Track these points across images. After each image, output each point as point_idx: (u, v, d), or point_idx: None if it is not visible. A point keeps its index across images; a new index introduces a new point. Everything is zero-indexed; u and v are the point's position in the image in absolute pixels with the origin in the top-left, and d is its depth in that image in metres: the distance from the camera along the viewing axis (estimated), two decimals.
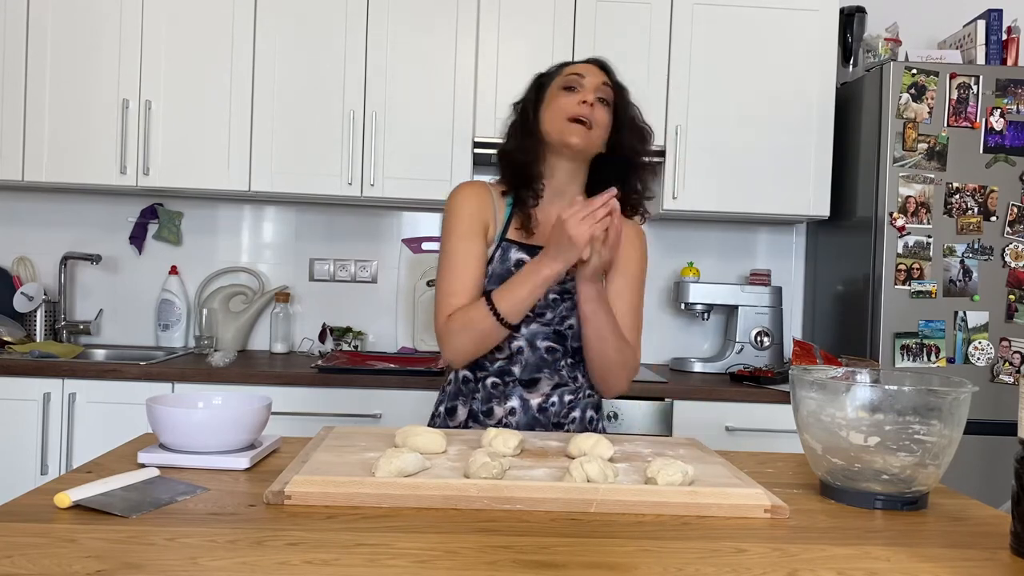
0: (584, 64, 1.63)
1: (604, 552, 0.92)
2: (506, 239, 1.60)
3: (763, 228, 3.26)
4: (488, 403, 1.60)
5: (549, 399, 1.60)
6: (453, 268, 1.56)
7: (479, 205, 1.60)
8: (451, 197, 1.62)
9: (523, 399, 1.59)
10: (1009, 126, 2.64)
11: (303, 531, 0.95)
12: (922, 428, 1.11)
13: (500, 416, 1.59)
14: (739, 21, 2.86)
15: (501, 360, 1.59)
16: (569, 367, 1.61)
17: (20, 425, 2.50)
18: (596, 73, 1.60)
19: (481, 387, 1.60)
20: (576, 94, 1.56)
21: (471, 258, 1.57)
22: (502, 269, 1.57)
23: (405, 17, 2.80)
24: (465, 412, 1.61)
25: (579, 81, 1.58)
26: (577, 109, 1.54)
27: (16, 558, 0.83)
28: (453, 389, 1.65)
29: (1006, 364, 2.64)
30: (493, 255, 1.59)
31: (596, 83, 1.58)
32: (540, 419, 1.59)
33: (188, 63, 2.78)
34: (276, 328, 3.05)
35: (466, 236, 1.57)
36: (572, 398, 1.61)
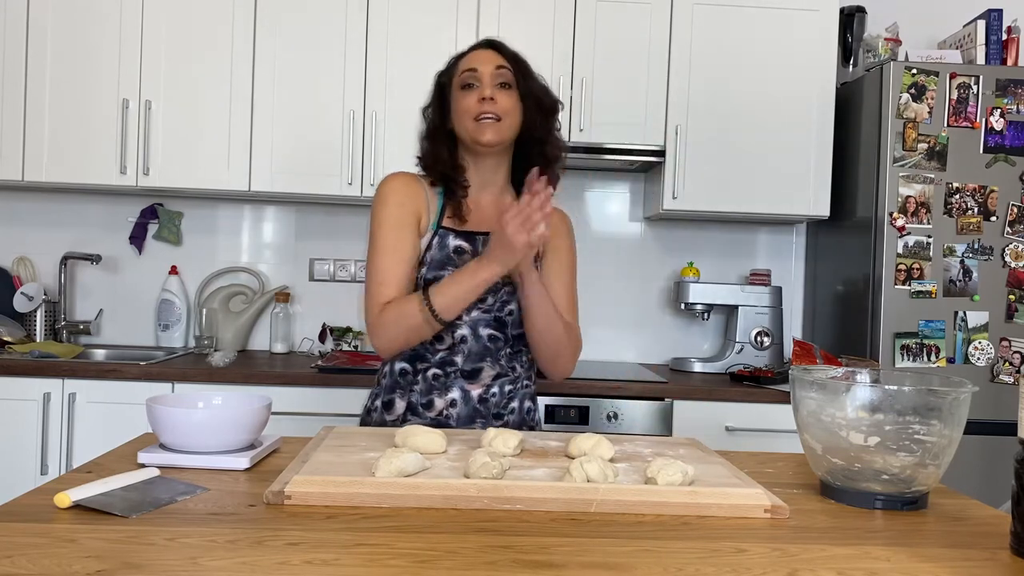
0: (475, 53, 1.62)
1: (604, 552, 0.92)
2: (442, 227, 1.61)
3: (763, 228, 3.26)
4: (428, 395, 1.59)
5: (490, 390, 1.60)
6: (383, 258, 1.57)
7: (409, 195, 1.61)
8: (380, 187, 1.64)
9: (464, 390, 1.59)
10: (1009, 126, 2.64)
11: (303, 531, 0.95)
12: (922, 428, 1.11)
13: (440, 408, 1.58)
14: (739, 21, 2.86)
15: (443, 351, 1.59)
16: (507, 357, 1.62)
17: (20, 425, 2.50)
18: (489, 60, 1.60)
19: (421, 379, 1.60)
20: (475, 91, 1.57)
21: (401, 248, 1.58)
22: (441, 255, 1.58)
23: (405, 17, 2.80)
24: (403, 405, 1.60)
25: (475, 76, 1.58)
26: (480, 107, 1.56)
27: (16, 558, 0.83)
28: (389, 382, 1.63)
29: (1006, 364, 2.64)
30: (431, 242, 1.60)
31: (491, 71, 1.58)
32: (480, 410, 1.60)
33: (188, 63, 2.78)
34: (276, 328, 3.05)
35: (396, 226, 1.59)
36: (511, 388, 1.63)
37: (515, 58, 1.62)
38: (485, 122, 1.56)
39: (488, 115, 1.55)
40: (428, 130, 1.66)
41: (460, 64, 1.62)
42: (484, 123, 1.56)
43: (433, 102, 1.66)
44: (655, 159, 2.86)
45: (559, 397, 2.54)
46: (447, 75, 1.65)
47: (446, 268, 1.56)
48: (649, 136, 2.84)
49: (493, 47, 1.63)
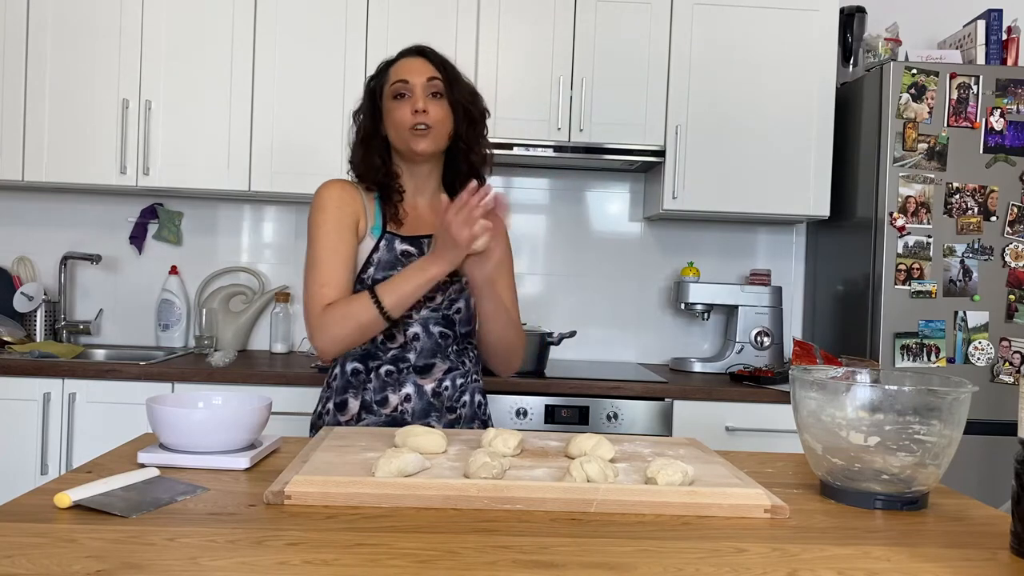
0: (405, 62, 1.65)
1: (604, 552, 0.92)
2: (387, 232, 1.64)
3: (763, 228, 3.26)
4: (382, 392, 1.62)
5: (442, 383, 1.64)
6: (323, 260, 1.59)
7: (347, 200, 1.64)
8: (319, 193, 1.65)
9: (417, 385, 1.62)
10: (1009, 126, 2.64)
11: (303, 531, 0.95)
12: (922, 428, 1.11)
13: (395, 404, 1.61)
14: (739, 21, 2.86)
15: (395, 348, 1.62)
16: (456, 353, 1.66)
17: (20, 425, 2.50)
18: (420, 70, 1.63)
19: (374, 377, 1.62)
20: (407, 101, 1.61)
21: (342, 251, 1.60)
22: (389, 256, 1.62)
23: (405, 17, 2.80)
24: (357, 404, 1.63)
25: (407, 87, 1.61)
26: (411, 118, 1.59)
27: (16, 558, 0.83)
28: (341, 383, 1.65)
29: (1006, 364, 2.64)
30: (377, 244, 1.62)
31: (422, 82, 1.62)
32: (435, 404, 1.63)
33: (188, 63, 2.78)
34: (276, 328, 3.05)
35: (335, 229, 1.60)
36: (463, 381, 1.67)
37: (444, 66, 1.66)
38: (419, 132, 1.60)
39: (421, 125, 1.59)
40: (361, 137, 1.68)
41: (391, 73, 1.65)
42: (418, 133, 1.60)
43: (364, 109, 1.69)
44: (655, 159, 2.86)
45: (559, 397, 2.54)
46: (378, 81, 1.68)
47: (396, 268, 1.60)
48: (649, 136, 2.84)
49: (423, 55, 1.67)
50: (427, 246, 1.63)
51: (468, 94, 1.67)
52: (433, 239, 1.54)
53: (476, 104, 1.68)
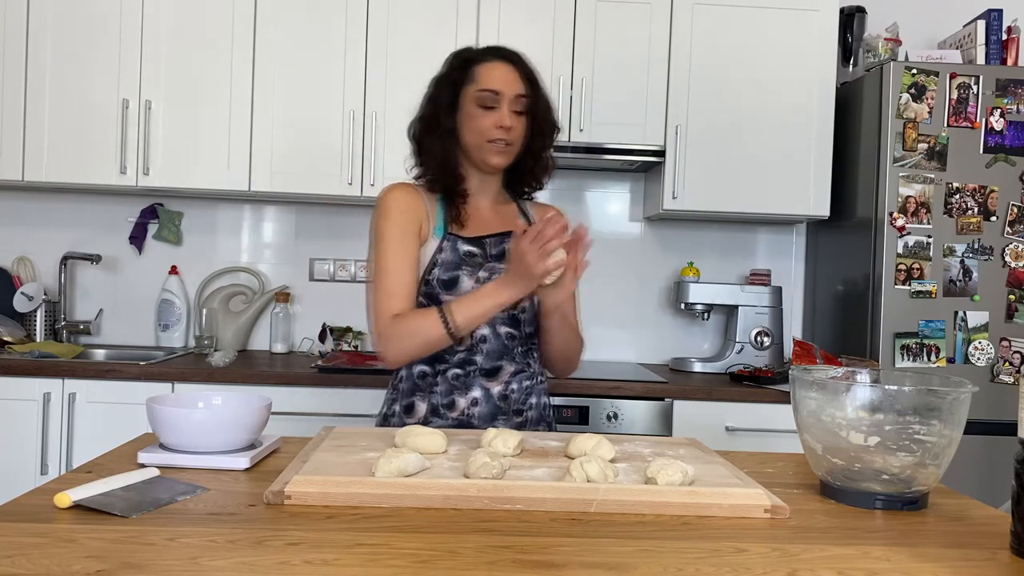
0: (497, 69, 1.61)
1: (604, 552, 0.92)
2: (450, 233, 1.63)
3: (763, 228, 3.26)
4: (449, 395, 1.60)
5: (509, 386, 1.62)
6: (390, 268, 1.59)
7: (411, 206, 1.63)
8: (383, 199, 1.65)
9: (484, 388, 1.61)
10: (1009, 126, 2.64)
11: (303, 531, 0.95)
12: (922, 428, 1.11)
13: (463, 407, 1.60)
14: (739, 21, 2.86)
15: (462, 351, 1.60)
16: (522, 354, 1.65)
17: (20, 425, 2.50)
18: (510, 82, 1.60)
19: (441, 380, 1.61)
20: (493, 113, 1.58)
21: (407, 259, 1.59)
22: (453, 257, 1.60)
23: (405, 17, 2.80)
24: (424, 407, 1.61)
25: (495, 100, 1.58)
26: (495, 134, 1.58)
27: (16, 558, 0.83)
28: (408, 386, 1.64)
29: (1006, 364, 2.64)
30: (441, 245, 1.61)
31: (511, 97, 1.59)
32: (502, 407, 1.61)
33: (188, 63, 2.78)
34: (276, 328, 3.05)
35: (400, 236, 1.60)
36: (529, 383, 1.66)
37: (532, 81, 1.63)
38: (497, 147, 1.59)
39: (501, 141, 1.59)
40: (436, 130, 1.63)
41: (479, 76, 1.61)
42: (496, 148, 1.59)
43: (443, 103, 1.63)
44: (655, 159, 2.86)
45: (559, 397, 2.54)
46: (460, 76, 1.63)
47: (460, 268, 1.59)
48: (649, 136, 2.84)
49: (513, 63, 1.62)
50: (489, 246, 1.64)
51: (547, 109, 1.66)
52: (507, 262, 1.51)
53: (550, 119, 1.67)
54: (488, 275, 1.60)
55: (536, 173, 1.70)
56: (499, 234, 1.66)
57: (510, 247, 1.50)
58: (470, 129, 1.60)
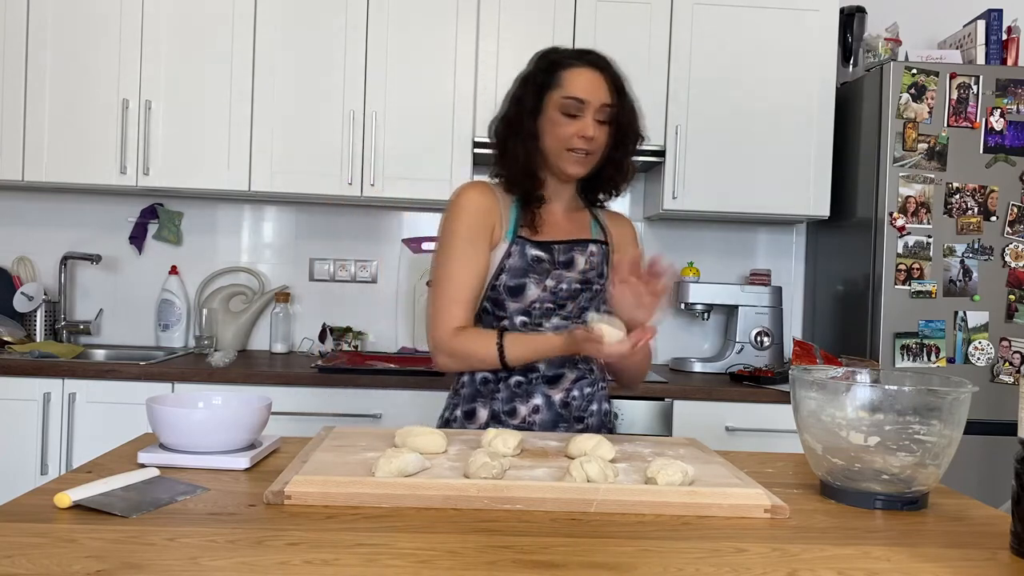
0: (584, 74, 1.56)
1: (604, 552, 0.92)
2: (519, 236, 1.59)
3: (763, 228, 3.26)
4: (511, 402, 1.59)
5: (570, 393, 1.61)
6: (455, 273, 1.56)
7: (486, 208, 1.60)
8: (458, 197, 1.61)
9: (546, 395, 1.59)
10: (1009, 126, 2.64)
11: (303, 531, 0.95)
12: (922, 428, 1.11)
13: (524, 415, 1.58)
14: (739, 21, 2.86)
15: None
16: (584, 359, 1.64)
17: (20, 425, 2.50)
18: (597, 91, 1.55)
19: (503, 387, 1.59)
20: (576, 122, 1.55)
21: (473, 263, 1.57)
22: (521, 263, 1.57)
23: (405, 17, 2.80)
24: (486, 413, 1.60)
25: (580, 108, 1.54)
26: (576, 142, 1.55)
27: (16, 558, 0.83)
28: (470, 391, 1.63)
29: (1006, 364, 2.64)
30: (510, 250, 1.58)
31: (597, 106, 1.55)
32: (563, 414, 1.60)
33: (188, 63, 2.78)
34: (276, 328, 3.05)
35: (472, 241, 1.57)
36: (591, 390, 1.64)
37: (619, 90, 1.59)
38: (576, 156, 1.56)
39: (581, 151, 1.56)
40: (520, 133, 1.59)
41: (566, 82, 1.56)
42: (575, 157, 1.56)
43: (527, 106, 1.59)
44: (655, 159, 2.86)
45: None
46: (545, 79, 1.58)
47: (527, 275, 1.57)
48: (649, 136, 2.83)
49: (601, 70, 1.58)
50: (557, 253, 1.59)
51: (632, 119, 1.61)
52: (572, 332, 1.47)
53: (635, 128, 1.62)
54: (555, 283, 1.58)
55: (616, 181, 1.66)
56: (568, 241, 1.62)
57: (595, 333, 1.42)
58: (551, 135, 1.57)
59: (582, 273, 1.61)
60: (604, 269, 1.65)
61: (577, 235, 1.65)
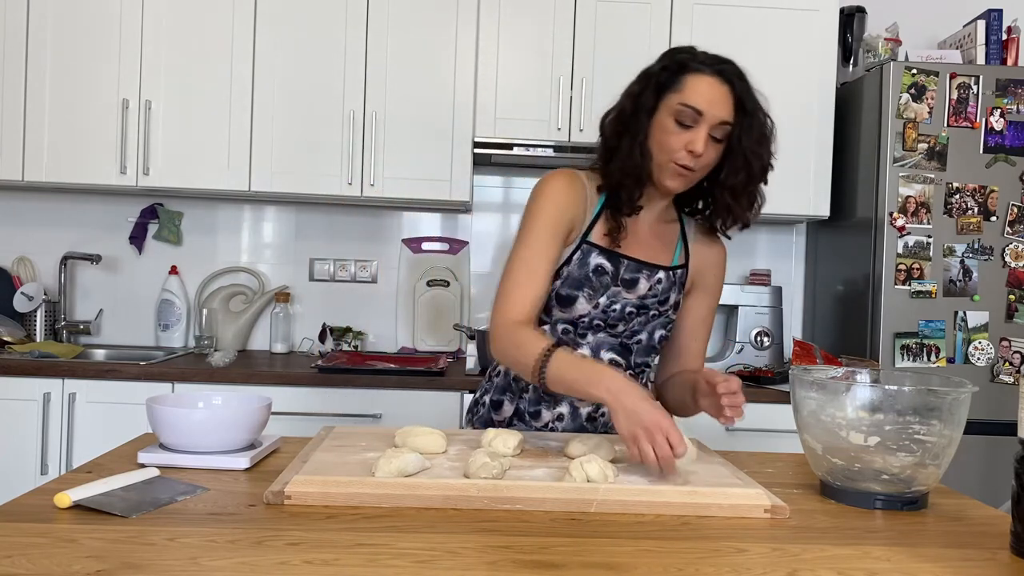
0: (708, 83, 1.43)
1: (604, 552, 0.92)
2: (587, 241, 1.50)
3: (763, 228, 3.26)
4: (537, 405, 1.55)
5: (600, 409, 1.54)
6: (528, 261, 1.45)
7: (571, 202, 1.49)
8: (546, 184, 1.50)
9: (573, 406, 1.54)
10: (1009, 126, 2.64)
11: (303, 531, 0.95)
12: (922, 428, 1.11)
13: (547, 420, 1.54)
14: (739, 21, 2.85)
15: None
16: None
17: (20, 425, 2.50)
18: (719, 104, 1.42)
19: (531, 388, 1.54)
20: (688, 133, 1.40)
21: (548, 260, 1.46)
22: (580, 273, 1.49)
23: (405, 17, 2.80)
24: (511, 409, 1.57)
25: (696, 120, 1.40)
26: (682, 158, 1.41)
27: (16, 558, 0.84)
28: (502, 383, 1.59)
29: (1006, 364, 2.63)
30: (571, 256, 1.49)
31: (714, 122, 1.41)
32: (588, 427, 1.55)
33: (188, 63, 2.78)
34: (276, 328, 3.05)
35: (551, 231, 1.46)
36: None
37: (744, 109, 1.45)
38: (678, 170, 1.43)
39: (686, 167, 1.42)
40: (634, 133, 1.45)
41: (687, 87, 1.42)
42: (677, 171, 1.43)
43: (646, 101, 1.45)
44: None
45: None
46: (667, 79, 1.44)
47: (583, 288, 1.48)
48: None
49: (729, 82, 1.45)
50: (624, 269, 1.50)
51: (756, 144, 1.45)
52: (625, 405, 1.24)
53: (759, 153, 1.45)
54: (609, 303, 1.49)
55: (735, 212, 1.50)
56: (640, 261, 1.51)
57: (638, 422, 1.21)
58: (658, 142, 1.43)
59: (641, 298, 1.51)
60: (671, 296, 1.54)
61: (654, 257, 1.53)
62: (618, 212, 1.49)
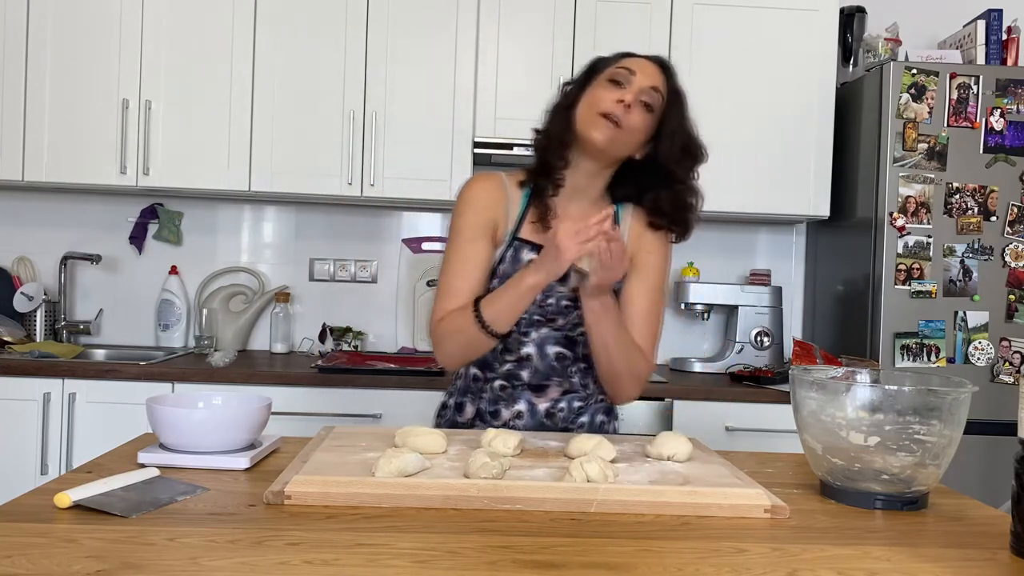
0: (642, 60, 1.51)
1: (604, 552, 0.92)
2: (518, 238, 1.54)
3: (763, 228, 3.26)
4: (495, 404, 1.57)
5: (557, 404, 1.57)
6: (454, 269, 1.52)
7: (489, 203, 1.54)
8: (462, 191, 1.57)
9: (530, 403, 1.56)
10: (1009, 126, 2.64)
11: (303, 531, 0.95)
12: (922, 428, 1.11)
13: (506, 419, 1.56)
14: (739, 21, 2.86)
15: (510, 363, 1.56)
16: (581, 373, 1.58)
17: (20, 425, 2.50)
18: (650, 74, 1.49)
19: (489, 388, 1.58)
20: (618, 90, 1.46)
21: (474, 259, 1.52)
22: (512, 270, 1.51)
23: (405, 17, 2.80)
24: (473, 410, 1.59)
25: (627, 77, 1.46)
26: (611, 106, 1.44)
27: (16, 558, 0.83)
28: (463, 385, 1.62)
29: (1006, 364, 2.64)
30: (503, 255, 1.53)
31: (644, 85, 1.47)
32: (547, 424, 1.57)
33: (188, 63, 2.78)
34: (276, 328, 3.05)
35: (471, 237, 1.53)
36: (581, 404, 1.59)
37: (677, 93, 1.53)
38: (604, 121, 1.44)
39: (614, 117, 1.44)
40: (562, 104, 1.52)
41: (622, 60, 1.51)
42: (602, 121, 1.44)
43: (579, 79, 1.53)
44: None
45: None
46: (606, 64, 1.52)
47: None
48: None
49: (663, 67, 1.52)
50: None
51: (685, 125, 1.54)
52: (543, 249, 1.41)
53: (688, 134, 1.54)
54: (544, 297, 1.50)
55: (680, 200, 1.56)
56: None
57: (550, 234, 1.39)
58: (588, 100, 1.48)
59: (574, 289, 1.48)
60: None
61: None
62: (543, 195, 1.53)
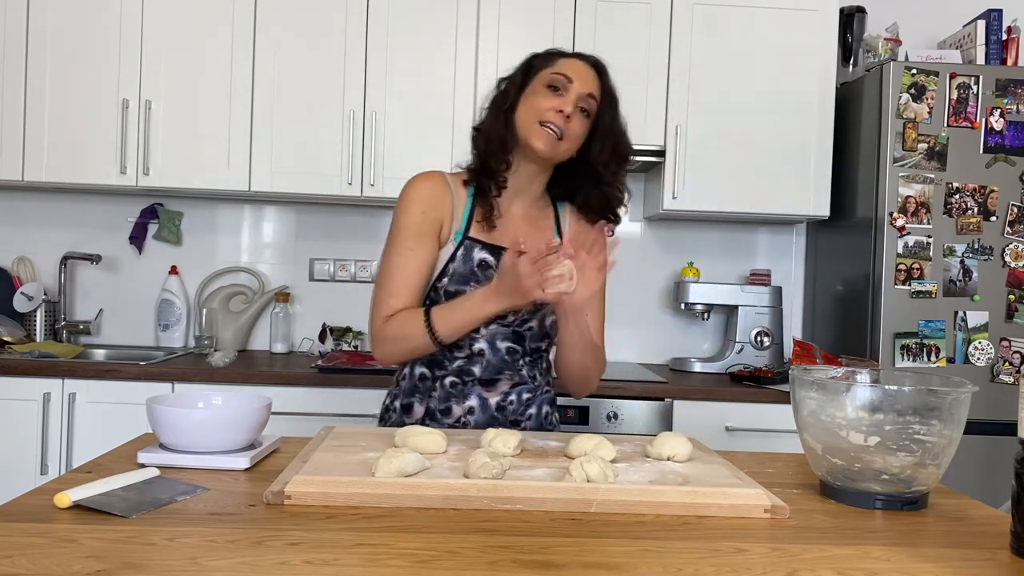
0: (578, 63, 1.56)
1: (604, 552, 0.92)
2: (469, 237, 1.56)
3: (763, 228, 3.26)
4: (446, 402, 1.58)
5: (508, 397, 1.60)
6: (396, 269, 1.54)
7: (434, 202, 1.56)
8: (406, 190, 1.58)
9: (482, 398, 1.58)
10: (1009, 126, 2.64)
11: (303, 531, 0.95)
12: (922, 428, 1.11)
13: (458, 415, 1.58)
14: (739, 21, 2.86)
15: (461, 359, 1.57)
16: (528, 365, 1.62)
17: (20, 425, 2.50)
18: (586, 79, 1.54)
19: (439, 386, 1.58)
20: (557, 98, 1.51)
21: (416, 258, 1.54)
22: (464, 268, 1.54)
23: (405, 17, 2.80)
24: (422, 410, 1.59)
25: (565, 84, 1.52)
26: (551, 116, 1.50)
27: (16, 558, 0.83)
28: (408, 385, 1.62)
29: (1006, 364, 2.64)
30: (455, 253, 1.55)
31: (581, 92, 1.52)
32: (498, 417, 1.59)
33: (188, 63, 2.78)
34: (276, 328, 3.05)
35: (415, 235, 1.54)
36: (530, 396, 1.62)
37: (610, 94, 1.58)
38: (545, 130, 1.50)
39: (554, 128, 1.50)
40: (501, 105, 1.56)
41: (558, 64, 1.55)
42: (544, 131, 1.50)
43: (515, 80, 1.57)
44: (655, 159, 2.86)
45: (559, 397, 2.53)
46: (540, 64, 1.56)
47: (469, 283, 1.53)
48: (649, 136, 2.84)
49: (598, 70, 1.58)
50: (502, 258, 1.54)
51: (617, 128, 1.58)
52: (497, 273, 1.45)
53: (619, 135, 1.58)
54: None
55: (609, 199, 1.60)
56: None
57: (503, 260, 1.43)
58: (528, 106, 1.52)
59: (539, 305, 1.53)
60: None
61: None
62: (486, 195, 1.57)
